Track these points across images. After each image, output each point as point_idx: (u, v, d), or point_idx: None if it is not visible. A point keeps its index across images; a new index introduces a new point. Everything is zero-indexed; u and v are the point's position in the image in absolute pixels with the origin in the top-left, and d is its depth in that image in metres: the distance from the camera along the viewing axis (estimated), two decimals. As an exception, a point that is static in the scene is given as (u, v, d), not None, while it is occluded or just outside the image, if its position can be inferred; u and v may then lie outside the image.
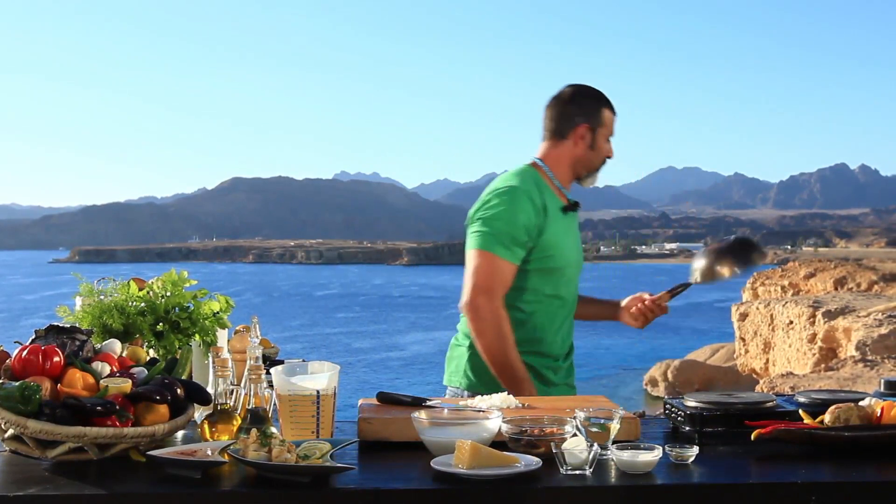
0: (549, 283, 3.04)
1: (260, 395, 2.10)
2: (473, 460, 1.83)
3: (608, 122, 3.12)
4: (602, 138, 3.11)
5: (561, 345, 3.13)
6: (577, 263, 3.15)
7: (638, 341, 42.36)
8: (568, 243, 3.08)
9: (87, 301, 2.55)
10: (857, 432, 2.03)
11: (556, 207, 3.05)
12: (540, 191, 3.02)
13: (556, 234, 3.02)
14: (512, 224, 2.92)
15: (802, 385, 13.30)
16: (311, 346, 41.25)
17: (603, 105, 3.12)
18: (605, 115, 3.11)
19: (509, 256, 2.93)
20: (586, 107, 3.10)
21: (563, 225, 3.07)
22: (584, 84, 3.15)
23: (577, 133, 3.08)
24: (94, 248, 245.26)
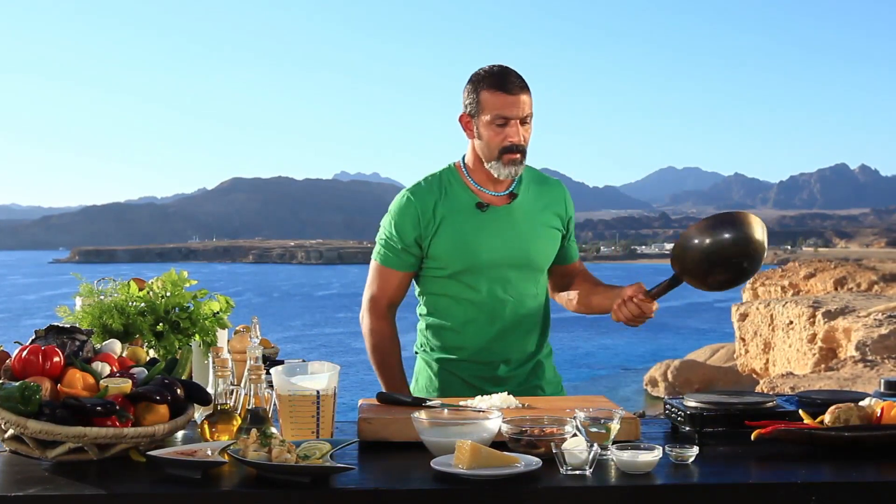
0: (457, 287, 2.85)
1: (260, 396, 2.10)
2: (473, 460, 1.83)
3: (490, 105, 2.74)
4: (484, 126, 2.76)
5: (494, 351, 2.88)
6: (503, 263, 2.84)
7: (638, 341, 42.37)
8: (483, 242, 2.82)
9: (87, 301, 2.55)
10: (857, 432, 2.03)
11: (467, 206, 2.84)
12: (439, 191, 2.85)
13: (459, 234, 2.81)
14: (391, 230, 2.86)
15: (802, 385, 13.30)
16: (311, 346, 41.26)
17: (481, 87, 2.76)
18: (484, 98, 2.74)
19: (392, 263, 2.87)
20: (466, 93, 2.81)
21: (477, 223, 2.83)
22: (481, 67, 2.82)
23: (463, 123, 2.84)
24: (94, 248, 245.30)
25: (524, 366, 2.93)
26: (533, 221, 2.90)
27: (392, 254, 2.87)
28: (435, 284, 2.89)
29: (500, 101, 2.73)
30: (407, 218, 2.84)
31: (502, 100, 2.73)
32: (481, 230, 2.84)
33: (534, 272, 2.92)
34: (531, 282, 2.92)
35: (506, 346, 2.89)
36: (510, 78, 2.75)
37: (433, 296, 2.91)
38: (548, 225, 2.93)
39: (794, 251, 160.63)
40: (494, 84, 2.74)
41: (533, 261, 2.90)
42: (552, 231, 2.94)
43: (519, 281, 2.89)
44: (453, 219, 2.83)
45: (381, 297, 2.92)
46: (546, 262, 2.95)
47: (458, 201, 2.85)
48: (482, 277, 2.84)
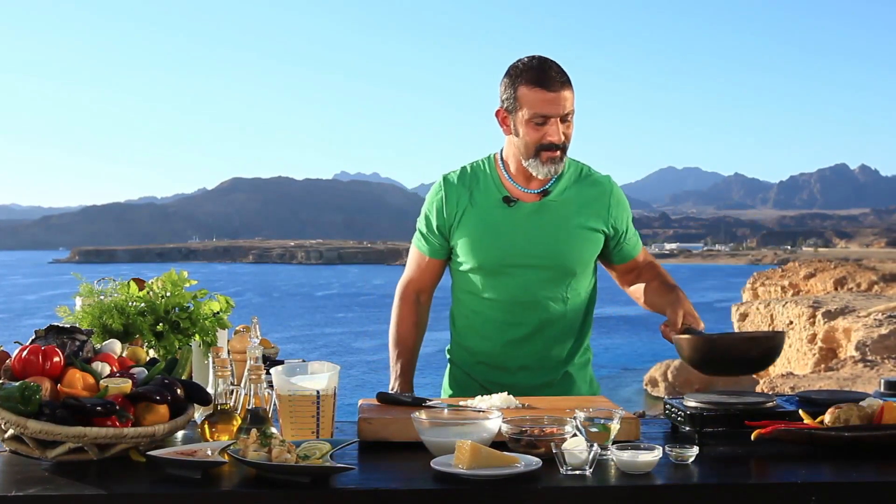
0: (478, 284, 2.78)
1: (260, 396, 2.10)
2: (473, 460, 1.83)
3: (529, 101, 2.60)
4: (522, 124, 2.64)
5: (511, 356, 2.80)
6: (526, 263, 2.73)
7: (638, 341, 42.36)
8: (505, 238, 2.73)
9: (87, 301, 2.55)
10: (857, 432, 2.03)
11: (494, 199, 2.76)
12: (472, 182, 2.78)
13: (481, 227, 2.74)
14: (424, 215, 2.87)
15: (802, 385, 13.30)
16: (311, 346, 41.27)
17: (519, 82, 2.62)
18: (522, 94, 2.61)
19: (421, 247, 2.88)
20: (503, 87, 2.68)
21: (502, 218, 2.74)
22: (521, 58, 2.69)
23: (499, 118, 2.72)
24: (94, 248, 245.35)
25: (549, 374, 2.82)
26: (566, 221, 2.74)
27: (421, 237, 2.88)
28: (460, 279, 2.88)
29: (540, 98, 2.59)
30: (433, 204, 2.84)
31: (542, 97, 2.58)
32: (505, 225, 2.73)
33: (562, 275, 2.76)
34: (559, 285, 2.77)
35: (525, 352, 2.79)
36: (550, 73, 2.60)
37: (459, 291, 2.89)
38: (583, 226, 2.76)
39: (794, 251, 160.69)
40: (534, 80, 2.59)
41: (561, 263, 2.74)
42: (589, 232, 2.77)
43: (544, 283, 2.75)
44: (477, 211, 2.76)
45: (409, 281, 2.93)
46: (578, 265, 2.77)
47: (486, 193, 2.77)
48: (504, 276, 2.75)
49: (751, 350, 2.28)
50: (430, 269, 2.90)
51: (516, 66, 2.66)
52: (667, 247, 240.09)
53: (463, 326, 2.90)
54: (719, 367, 2.27)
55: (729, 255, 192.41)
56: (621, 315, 53.78)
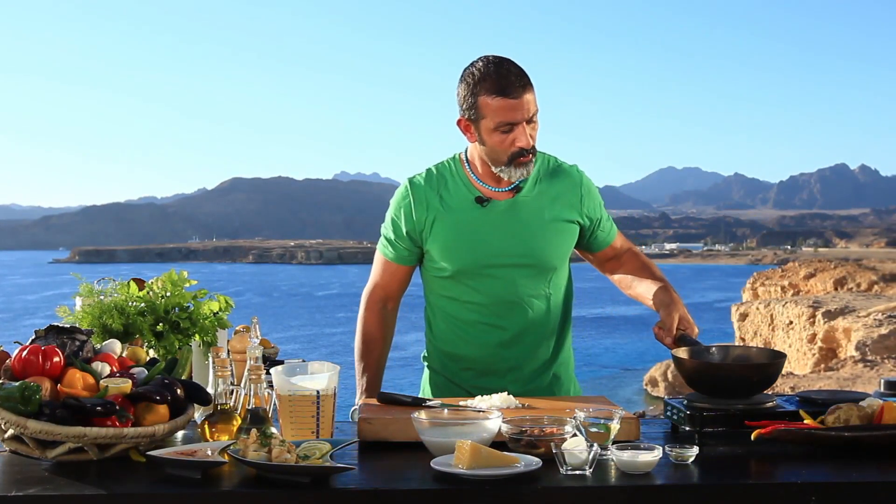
0: (459, 288, 2.73)
1: (260, 396, 2.10)
2: (473, 460, 1.83)
3: (491, 111, 2.54)
4: (487, 132, 2.58)
5: (502, 357, 2.75)
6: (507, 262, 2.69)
7: (638, 341, 42.35)
8: (483, 239, 2.68)
9: (87, 301, 2.55)
10: (858, 432, 2.03)
11: (466, 201, 2.70)
12: (439, 184, 2.73)
13: (456, 230, 2.69)
14: (387, 219, 2.81)
15: (802, 385, 13.30)
16: (311, 346, 41.26)
17: (478, 91, 2.55)
18: (484, 103, 2.54)
19: (386, 253, 2.81)
20: (461, 97, 2.60)
21: (476, 219, 2.69)
22: (475, 61, 2.60)
23: (462, 127, 2.66)
24: (94, 248, 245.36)
25: (539, 377, 2.79)
26: (540, 216, 2.71)
27: (387, 243, 2.80)
28: (437, 285, 2.78)
29: (504, 107, 2.53)
30: (400, 209, 2.75)
31: (505, 104, 2.52)
32: (481, 226, 2.68)
33: (543, 271, 2.74)
34: (540, 281, 2.74)
35: (514, 353, 2.75)
36: (510, 78, 2.53)
37: (436, 297, 2.80)
38: (558, 219, 2.73)
39: (794, 251, 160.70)
40: (494, 88, 2.52)
41: (541, 259, 2.71)
42: (563, 224, 2.75)
43: (526, 281, 2.72)
44: (450, 214, 2.70)
45: (375, 288, 2.86)
46: (557, 259, 2.75)
47: (456, 195, 2.71)
48: (485, 277, 2.70)
49: (752, 376, 2.24)
50: (398, 276, 2.82)
51: (472, 74, 2.58)
52: (667, 247, 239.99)
53: (443, 332, 2.81)
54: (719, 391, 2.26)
55: (729, 255, 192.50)
56: (621, 315, 53.73)
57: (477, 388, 2.69)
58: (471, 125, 2.63)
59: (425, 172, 2.78)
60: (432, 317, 2.84)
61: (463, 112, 2.62)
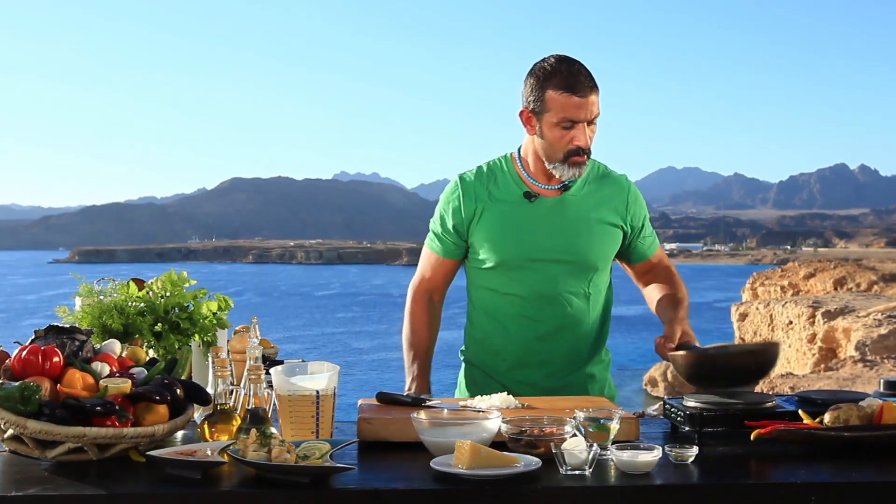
0: (500, 280, 2.78)
1: (259, 396, 2.10)
2: (473, 460, 1.83)
3: (557, 105, 2.60)
4: (548, 127, 2.64)
5: (536, 352, 2.79)
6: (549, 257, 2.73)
7: (638, 341, 42.37)
8: (528, 233, 2.73)
9: (87, 301, 2.55)
10: (857, 432, 2.03)
11: (515, 195, 2.75)
12: (489, 180, 2.79)
13: (503, 223, 2.74)
14: (436, 214, 2.88)
15: (802, 385, 13.30)
16: (311, 346, 41.27)
17: (547, 85, 2.61)
18: (551, 97, 2.60)
19: (435, 248, 2.87)
20: (530, 88, 2.66)
21: (523, 213, 2.74)
22: (542, 59, 2.67)
23: (523, 118, 2.71)
24: (94, 248, 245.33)
25: (573, 373, 2.81)
26: (586, 216, 2.76)
27: (434, 238, 2.87)
28: (479, 277, 2.84)
29: (569, 104, 2.59)
30: (449, 204, 2.83)
31: (571, 101, 2.58)
32: (527, 220, 2.74)
33: (584, 270, 2.77)
34: (581, 279, 2.77)
35: (550, 348, 2.78)
36: (580, 77, 2.60)
37: (477, 290, 2.86)
38: (603, 221, 2.78)
39: (794, 251, 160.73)
40: (563, 84, 2.58)
41: (582, 257, 2.76)
42: (608, 227, 2.79)
43: (567, 277, 2.75)
44: (498, 207, 2.76)
45: (421, 281, 2.92)
46: (599, 260, 2.79)
47: (505, 190, 2.77)
48: (526, 270, 2.74)
49: (748, 363, 2.27)
50: (444, 270, 2.89)
51: (543, 68, 2.64)
52: (667, 247, 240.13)
53: (482, 324, 2.86)
54: (716, 381, 2.27)
55: (728, 255, 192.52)
56: (621, 315, 53.83)
57: (512, 381, 2.78)
58: (533, 117, 2.68)
59: (475, 169, 2.86)
60: (472, 311, 2.91)
61: (527, 103, 2.68)
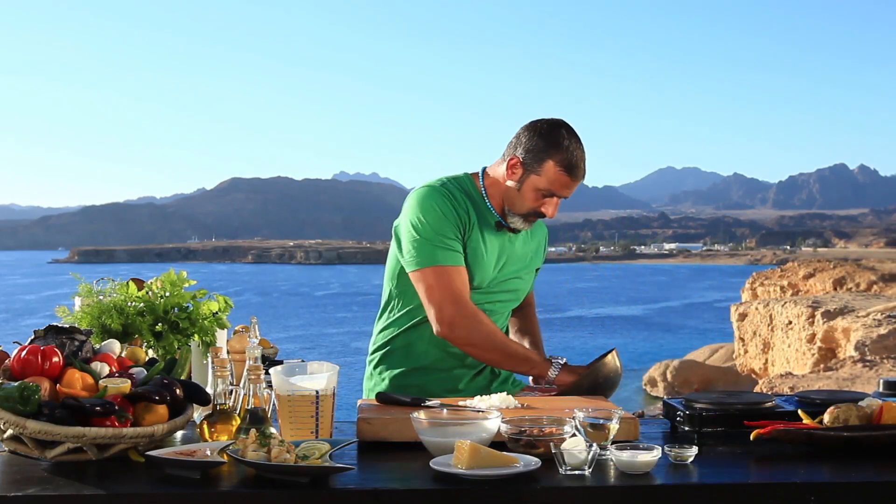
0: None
1: (259, 396, 2.10)
2: (472, 460, 1.83)
3: (551, 177, 2.71)
4: (531, 186, 2.73)
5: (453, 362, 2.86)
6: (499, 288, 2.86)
7: (637, 341, 42.38)
8: (494, 262, 2.83)
9: (86, 301, 2.55)
10: (857, 432, 2.03)
11: (490, 223, 2.82)
12: (468, 198, 2.80)
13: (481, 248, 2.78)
14: (439, 226, 2.71)
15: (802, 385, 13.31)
16: (310, 346, 41.27)
17: (549, 156, 2.70)
18: (548, 168, 2.70)
19: (453, 259, 2.71)
20: (534, 145, 2.72)
21: (495, 242, 2.83)
22: (557, 125, 2.74)
23: (510, 163, 2.76)
24: (94, 248, 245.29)
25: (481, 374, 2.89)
26: (525, 255, 2.95)
27: (452, 249, 2.71)
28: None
29: (562, 182, 2.72)
30: (450, 212, 2.73)
31: (565, 182, 2.72)
32: (493, 250, 2.83)
33: (518, 300, 2.99)
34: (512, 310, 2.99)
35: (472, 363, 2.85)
36: (581, 165, 2.73)
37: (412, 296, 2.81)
38: (533, 262, 3.01)
39: (794, 251, 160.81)
40: (566, 166, 2.70)
41: (524, 289, 2.98)
42: (532, 268, 3.02)
43: (508, 306, 2.94)
44: (480, 229, 2.80)
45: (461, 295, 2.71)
46: (524, 295, 3.02)
47: (483, 215, 2.82)
48: (485, 296, 2.82)
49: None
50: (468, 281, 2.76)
51: (555, 138, 2.71)
52: (666, 247, 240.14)
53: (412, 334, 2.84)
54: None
55: (728, 255, 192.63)
56: (621, 315, 53.75)
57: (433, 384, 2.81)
58: (521, 171, 2.75)
59: (451, 183, 2.82)
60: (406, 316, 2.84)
61: (523, 156, 2.74)
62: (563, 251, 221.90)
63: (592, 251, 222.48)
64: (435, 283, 2.69)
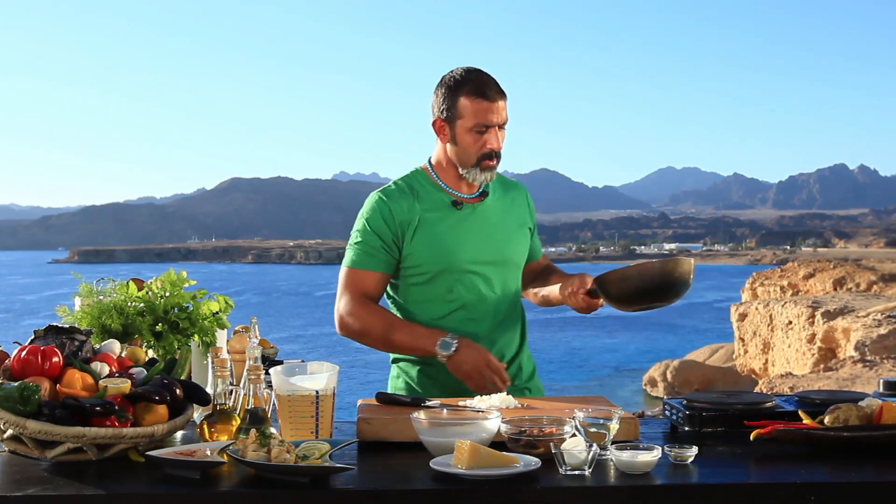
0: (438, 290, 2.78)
1: (259, 396, 2.10)
2: (472, 461, 1.83)
3: (470, 111, 2.70)
4: (462, 132, 2.73)
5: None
6: (483, 260, 2.80)
7: (637, 341, 42.38)
8: (461, 240, 2.78)
9: (87, 301, 2.55)
10: (856, 432, 2.03)
11: (443, 205, 2.79)
12: (411, 193, 2.79)
13: (437, 233, 2.76)
14: (365, 231, 2.77)
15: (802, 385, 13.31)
16: (310, 347, 41.27)
17: (459, 93, 2.72)
18: (463, 104, 2.71)
19: (368, 264, 2.76)
20: (440, 97, 2.76)
21: (454, 221, 2.79)
22: (450, 72, 2.78)
23: (437, 127, 2.79)
24: (94, 248, 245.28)
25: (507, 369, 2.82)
26: (505, 219, 2.89)
27: (368, 254, 2.76)
28: (415, 292, 2.81)
29: (481, 108, 2.70)
30: (380, 217, 2.76)
31: (483, 107, 2.70)
32: (458, 228, 2.79)
33: (512, 268, 2.91)
34: (511, 278, 2.90)
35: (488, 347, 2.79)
36: (490, 84, 2.72)
37: (412, 304, 2.82)
38: (518, 222, 2.93)
39: (794, 251, 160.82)
40: (475, 91, 2.70)
41: (511, 257, 2.89)
42: (522, 228, 2.95)
43: (499, 277, 2.85)
44: (430, 218, 2.78)
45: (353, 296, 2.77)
46: (521, 258, 2.94)
47: (432, 201, 2.80)
48: (464, 276, 2.78)
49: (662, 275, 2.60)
50: (379, 285, 2.79)
51: (454, 78, 2.76)
52: (666, 247, 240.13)
53: None
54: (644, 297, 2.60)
55: (728, 255, 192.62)
56: (621, 315, 53.68)
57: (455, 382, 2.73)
58: (446, 125, 2.77)
59: (393, 185, 2.86)
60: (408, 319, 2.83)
61: (440, 112, 2.77)
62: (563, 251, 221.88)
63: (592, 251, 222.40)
64: (342, 282, 2.81)
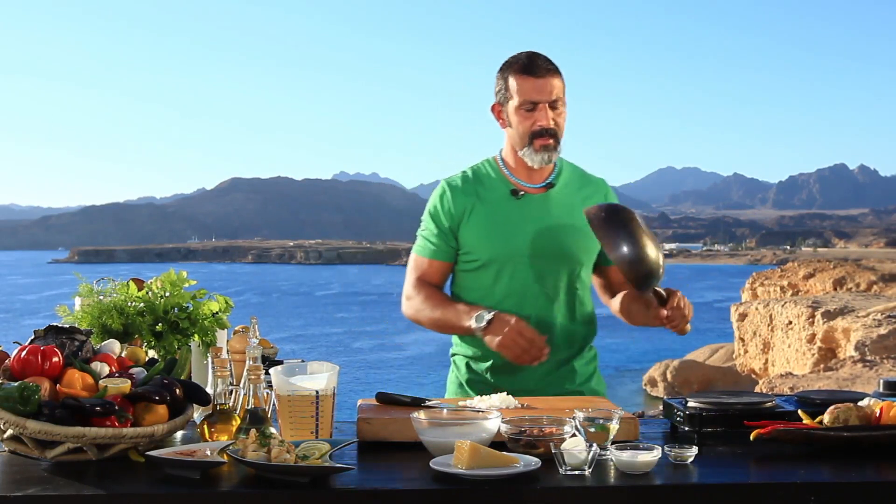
0: (488, 278, 2.79)
1: (259, 396, 2.10)
2: (472, 460, 1.83)
3: (518, 89, 2.73)
4: (513, 113, 2.76)
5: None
6: (537, 252, 2.77)
7: (637, 341, 42.36)
8: (516, 229, 2.77)
9: (87, 301, 2.55)
10: (856, 433, 2.03)
11: (501, 194, 2.81)
12: (475, 182, 2.84)
13: (491, 221, 2.78)
14: (427, 220, 2.87)
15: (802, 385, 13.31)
16: (310, 347, 41.27)
17: (507, 73, 2.77)
18: (511, 84, 2.75)
19: (428, 252, 2.84)
20: (496, 82, 2.81)
21: (510, 210, 2.79)
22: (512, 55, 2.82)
23: (495, 113, 2.84)
24: (94, 248, 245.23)
25: (558, 369, 2.82)
26: (571, 213, 2.81)
27: (429, 243, 2.84)
28: (467, 278, 2.85)
29: (528, 85, 2.71)
30: (440, 206, 2.83)
31: (530, 83, 2.71)
32: (514, 217, 2.79)
33: (570, 265, 2.81)
34: (568, 275, 2.81)
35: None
36: (537, 61, 2.74)
37: (464, 292, 2.85)
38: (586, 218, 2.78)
39: (794, 251, 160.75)
40: (521, 68, 2.73)
41: (569, 252, 2.80)
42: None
43: (554, 273, 2.79)
44: (486, 206, 2.80)
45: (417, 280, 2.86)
46: (584, 255, 2.83)
47: (492, 189, 2.83)
48: (515, 266, 2.77)
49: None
50: (440, 273, 2.86)
51: (507, 61, 2.79)
52: (666, 247, 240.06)
53: None
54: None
55: (728, 255, 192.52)
56: (620, 315, 53.53)
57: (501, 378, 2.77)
58: (501, 108, 2.81)
59: (460, 173, 2.90)
60: None
61: (497, 95, 2.81)
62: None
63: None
64: (408, 268, 2.92)
